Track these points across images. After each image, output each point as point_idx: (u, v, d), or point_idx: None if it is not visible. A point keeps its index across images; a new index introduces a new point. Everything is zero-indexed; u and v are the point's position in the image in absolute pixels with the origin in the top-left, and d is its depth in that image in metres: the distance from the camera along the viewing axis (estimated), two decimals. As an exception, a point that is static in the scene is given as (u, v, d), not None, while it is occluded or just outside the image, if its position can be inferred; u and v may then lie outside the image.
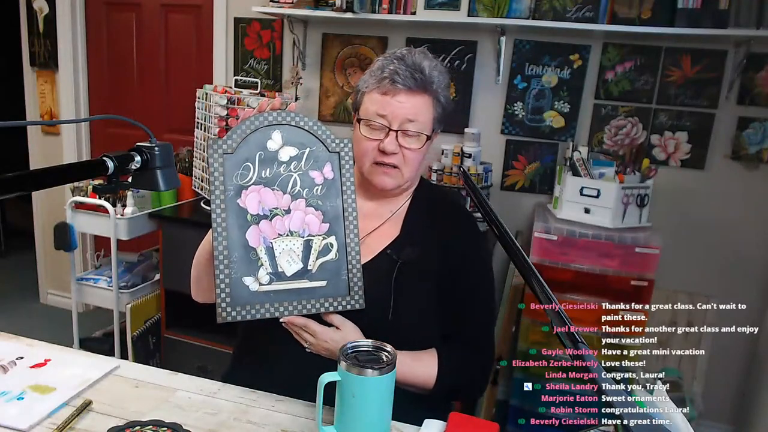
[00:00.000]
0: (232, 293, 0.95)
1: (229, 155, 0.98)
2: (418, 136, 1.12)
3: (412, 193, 1.24)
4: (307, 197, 1.01)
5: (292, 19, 2.69)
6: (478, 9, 2.41)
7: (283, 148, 1.01)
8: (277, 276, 0.98)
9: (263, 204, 0.99)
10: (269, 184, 1.00)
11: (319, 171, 1.03)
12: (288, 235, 0.99)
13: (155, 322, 2.60)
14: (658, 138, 2.42)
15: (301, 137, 1.02)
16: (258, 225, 0.98)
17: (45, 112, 3.31)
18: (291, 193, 1.01)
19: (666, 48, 2.35)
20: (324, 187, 1.02)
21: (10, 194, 0.73)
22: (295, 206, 1.00)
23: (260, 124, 1.00)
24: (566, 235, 2.14)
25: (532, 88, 2.53)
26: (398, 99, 1.11)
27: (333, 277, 1.01)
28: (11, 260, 4.33)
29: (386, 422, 0.92)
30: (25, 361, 1.10)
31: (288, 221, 1.00)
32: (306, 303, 0.99)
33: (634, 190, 2.17)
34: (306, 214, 1.01)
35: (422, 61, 1.13)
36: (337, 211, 1.02)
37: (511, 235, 0.97)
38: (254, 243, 0.98)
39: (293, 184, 1.01)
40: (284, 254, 0.99)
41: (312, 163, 1.02)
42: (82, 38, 3.21)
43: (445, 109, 1.17)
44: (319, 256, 1.00)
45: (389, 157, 1.12)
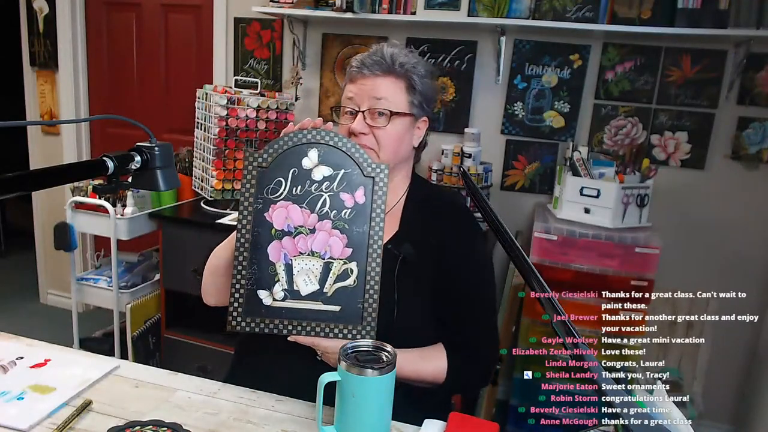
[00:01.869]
0: (245, 304, 0.95)
1: (263, 169, 0.99)
2: (387, 115, 1.15)
3: (407, 189, 1.25)
4: (334, 219, 1.01)
5: (292, 19, 2.69)
6: (478, 9, 2.42)
7: (317, 167, 1.01)
8: (291, 293, 0.98)
9: (289, 220, 0.99)
10: (298, 201, 1.00)
11: (350, 194, 1.02)
12: (309, 255, 1.00)
13: (155, 322, 2.60)
14: (658, 138, 2.42)
15: (338, 158, 1.02)
16: (281, 241, 0.99)
17: (45, 112, 3.32)
18: (319, 213, 1.01)
19: (666, 48, 2.35)
20: (353, 211, 1.01)
21: (10, 194, 0.73)
22: (320, 226, 1.00)
23: (298, 141, 1.01)
24: (566, 235, 2.14)
25: (532, 88, 2.53)
26: (366, 82, 1.15)
27: (348, 304, 0.99)
28: (11, 260, 4.33)
29: (386, 422, 0.92)
30: (25, 361, 1.10)
31: (311, 241, 1.00)
32: (316, 325, 0.99)
33: (634, 190, 2.17)
34: (330, 236, 1.00)
35: (392, 50, 1.17)
36: (362, 238, 1.01)
37: (511, 235, 0.97)
38: (274, 258, 0.98)
39: (322, 204, 1.01)
40: (302, 273, 0.99)
41: (345, 186, 1.02)
42: (82, 38, 3.21)
43: (424, 93, 1.19)
44: (336, 281, 1.00)
45: (359, 138, 1.14)
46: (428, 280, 1.15)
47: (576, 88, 2.47)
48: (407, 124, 1.18)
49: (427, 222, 1.20)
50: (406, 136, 1.19)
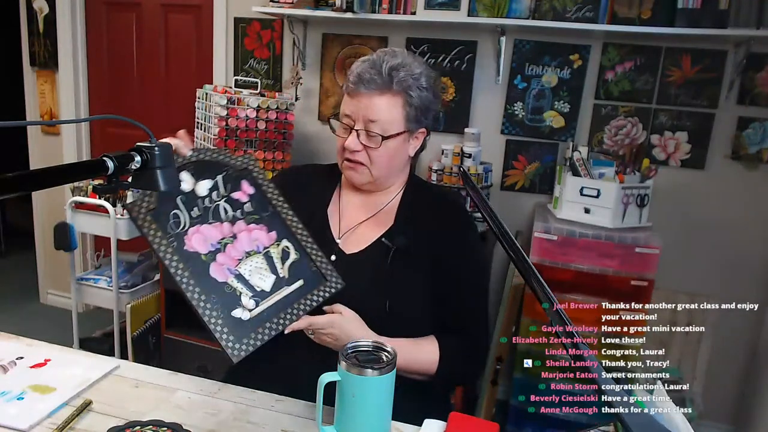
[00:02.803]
0: (231, 332, 0.94)
1: (152, 210, 0.99)
2: (379, 139, 1.15)
3: (404, 187, 1.27)
4: (243, 217, 1.04)
5: (292, 19, 2.69)
6: (478, 9, 2.42)
7: (197, 184, 1.03)
8: (259, 295, 0.99)
9: (210, 240, 1.00)
10: (204, 220, 1.01)
11: (239, 191, 1.06)
12: (247, 256, 1.01)
13: (155, 322, 2.60)
14: (658, 138, 2.42)
15: (208, 167, 1.05)
16: (215, 261, 0.99)
17: (45, 112, 3.32)
18: (227, 219, 1.03)
19: (666, 48, 2.35)
20: (251, 201, 1.06)
21: (10, 194, 0.73)
22: (237, 229, 1.03)
23: None
24: (566, 235, 2.14)
25: (532, 88, 2.53)
26: (361, 100, 1.15)
27: (305, 273, 1.04)
28: (11, 260, 4.33)
29: (386, 422, 0.92)
30: (25, 361, 1.10)
31: (239, 245, 1.02)
32: (296, 306, 1.00)
33: (634, 190, 2.17)
34: (251, 231, 1.03)
35: (392, 61, 1.15)
36: (275, 218, 1.06)
37: (511, 235, 0.97)
38: (222, 278, 0.98)
39: (224, 211, 1.03)
40: (254, 274, 1.00)
41: (230, 186, 1.05)
42: (82, 38, 3.21)
43: (422, 107, 1.19)
44: (283, 262, 1.03)
45: (353, 154, 1.17)
46: (423, 271, 1.17)
47: (576, 88, 2.47)
48: (401, 140, 1.19)
49: (422, 215, 1.21)
50: (399, 151, 1.20)
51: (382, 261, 1.15)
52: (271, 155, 2.44)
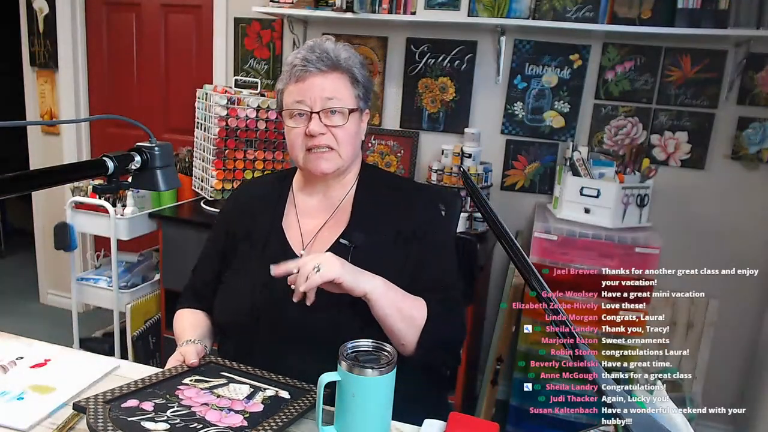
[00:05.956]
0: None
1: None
2: (342, 112, 1.15)
3: (357, 177, 1.25)
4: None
5: (292, 19, 2.69)
6: (478, 9, 2.42)
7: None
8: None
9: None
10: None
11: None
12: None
13: (155, 322, 2.60)
14: (658, 138, 2.42)
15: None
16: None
17: (45, 112, 3.32)
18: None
19: (666, 48, 2.35)
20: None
21: (10, 194, 0.73)
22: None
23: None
24: (566, 235, 2.14)
25: (532, 88, 2.53)
26: (314, 81, 1.14)
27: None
28: (11, 260, 4.33)
29: (386, 422, 0.92)
30: (25, 361, 1.10)
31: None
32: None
33: (634, 190, 2.17)
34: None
35: (331, 45, 1.17)
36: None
37: (511, 235, 0.97)
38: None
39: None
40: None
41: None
42: (82, 38, 3.21)
43: (366, 87, 1.21)
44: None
45: (318, 138, 1.14)
46: (388, 259, 1.14)
47: (576, 88, 2.47)
48: (357, 118, 1.19)
49: (378, 205, 1.20)
50: (357, 130, 1.20)
51: None
52: (271, 155, 2.44)
